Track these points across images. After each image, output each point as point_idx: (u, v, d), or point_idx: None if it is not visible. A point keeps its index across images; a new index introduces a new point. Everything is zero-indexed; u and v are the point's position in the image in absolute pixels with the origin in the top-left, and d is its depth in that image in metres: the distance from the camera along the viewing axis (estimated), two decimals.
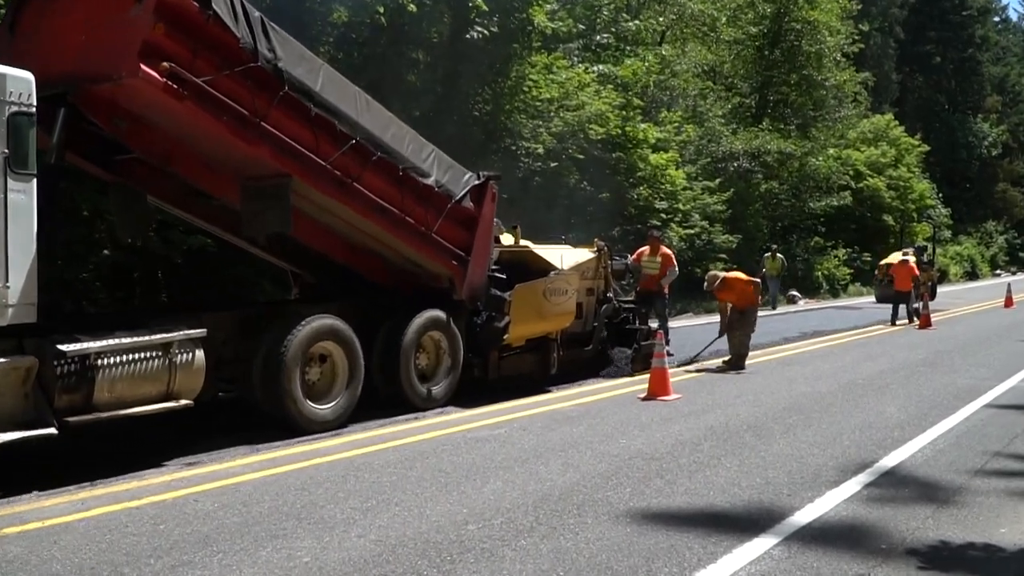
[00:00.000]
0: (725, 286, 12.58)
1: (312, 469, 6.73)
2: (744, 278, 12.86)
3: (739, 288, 12.60)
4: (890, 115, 46.27)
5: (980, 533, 5.38)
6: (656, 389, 9.89)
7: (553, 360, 10.69)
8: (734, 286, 12.60)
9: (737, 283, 12.64)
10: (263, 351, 7.82)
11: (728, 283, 12.59)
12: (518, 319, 9.83)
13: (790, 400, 9.89)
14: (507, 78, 20.26)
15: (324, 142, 7.94)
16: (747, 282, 12.71)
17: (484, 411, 9.16)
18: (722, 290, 12.63)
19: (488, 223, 9.77)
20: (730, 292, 12.66)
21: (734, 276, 12.88)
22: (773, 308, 24.48)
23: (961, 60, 65.36)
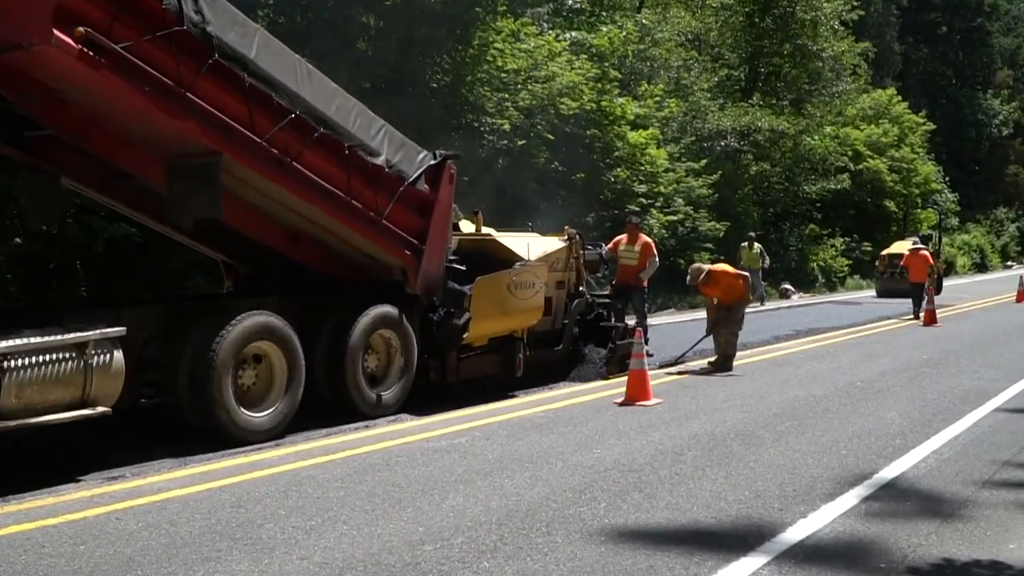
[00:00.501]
0: (710, 280, 12.65)
1: (249, 484, 6.70)
2: (731, 271, 12.95)
3: (726, 282, 12.69)
4: (892, 90, 46.86)
5: (987, 550, 5.44)
6: (634, 393, 9.93)
7: (519, 361, 10.70)
8: (720, 280, 12.68)
9: (723, 276, 12.72)
10: (190, 352, 7.76)
11: (713, 276, 12.67)
12: (479, 316, 9.83)
13: (782, 405, 9.96)
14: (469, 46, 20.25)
15: (259, 116, 7.90)
16: (734, 275, 12.79)
17: (442, 419, 9.16)
18: (707, 284, 12.70)
19: (446, 208, 9.76)
20: (715, 287, 12.73)
21: (720, 269, 12.96)
22: (761, 303, 24.63)
23: (969, 30, 66.21)
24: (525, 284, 10.35)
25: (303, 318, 8.60)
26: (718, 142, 30.95)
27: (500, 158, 20.64)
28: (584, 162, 22.76)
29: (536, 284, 10.53)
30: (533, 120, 21.23)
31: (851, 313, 22.98)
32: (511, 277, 10.19)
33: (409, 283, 9.51)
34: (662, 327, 18.47)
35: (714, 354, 12.96)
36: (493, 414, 9.39)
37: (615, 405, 9.81)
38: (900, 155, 41.43)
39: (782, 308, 25.21)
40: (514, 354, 10.66)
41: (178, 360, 7.78)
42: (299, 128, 8.21)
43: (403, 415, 9.30)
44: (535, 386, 11.03)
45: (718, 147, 30.95)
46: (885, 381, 11.73)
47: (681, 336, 15.27)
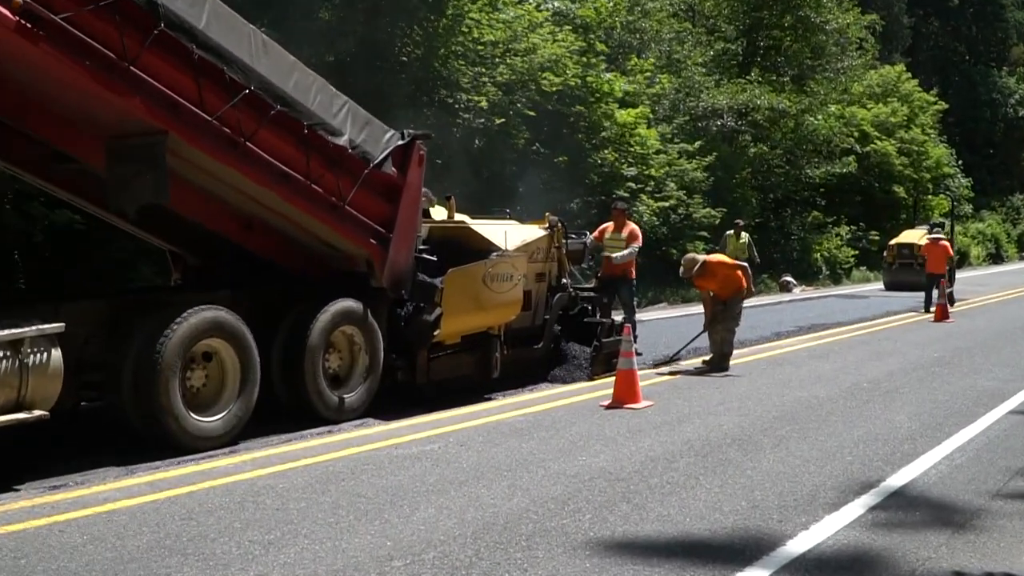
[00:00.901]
0: (705, 272, 12.69)
1: (201, 494, 6.68)
2: (728, 262, 13.00)
3: (723, 274, 12.72)
4: (901, 66, 47.09)
5: (1001, 562, 5.49)
6: (622, 395, 9.96)
7: (495, 361, 10.71)
8: (716, 271, 12.71)
9: (720, 268, 12.76)
10: (134, 351, 7.71)
11: (709, 268, 12.70)
12: (452, 311, 9.84)
13: (782, 408, 10.01)
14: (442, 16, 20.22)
15: (210, 92, 7.88)
16: (732, 267, 12.83)
17: (412, 423, 9.15)
18: (702, 276, 12.74)
19: (415, 193, 9.77)
20: (711, 279, 12.77)
21: (716, 260, 13.01)
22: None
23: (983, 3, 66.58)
24: (502, 276, 10.36)
25: (258, 314, 8.59)
26: (713, 122, 31.03)
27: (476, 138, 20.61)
28: (568, 143, 22.75)
29: (514, 276, 10.54)
30: (512, 97, 21.21)
31: (857, 307, 23.10)
32: (487, 269, 10.20)
33: (375, 275, 9.49)
34: (653, 323, 18.50)
35: (709, 352, 13.01)
36: (468, 418, 9.39)
37: (601, 408, 9.84)
38: (910, 136, 41.63)
39: (783, 302, 25.32)
40: (490, 353, 10.67)
41: (121, 359, 7.73)
42: (253, 105, 8.18)
43: (369, 419, 9.30)
44: (513, 388, 11.04)
45: (713, 127, 31.03)
46: (893, 381, 11.81)
47: (674, 333, 15.31)
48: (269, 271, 9.48)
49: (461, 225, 10.93)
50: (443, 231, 10.77)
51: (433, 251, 10.22)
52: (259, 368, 8.37)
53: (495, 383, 10.84)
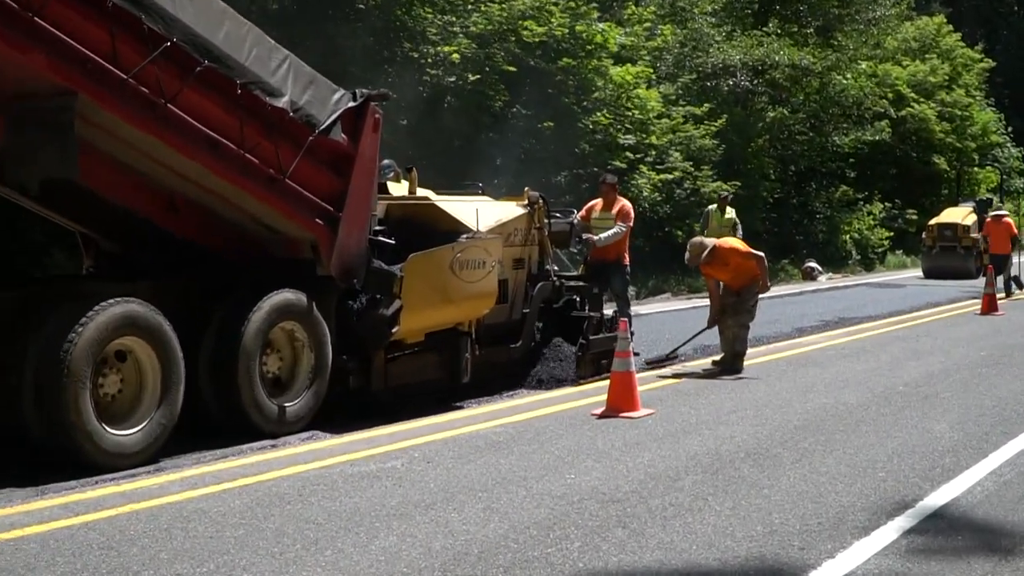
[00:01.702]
0: (715, 258, 12.70)
1: (123, 519, 6.66)
2: (742, 248, 13.03)
3: (735, 262, 12.76)
4: (941, 17, 47.29)
5: None
6: (618, 402, 9.97)
7: (466, 362, 10.72)
8: (728, 259, 12.75)
9: (732, 255, 12.80)
10: (35, 352, 7.67)
11: (719, 254, 12.72)
12: (414, 303, 9.83)
13: (805, 416, 10.06)
14: None
15: (125, 45, 7.85)
16: (745, 255, 12.86)
17: (369, 436, 9.15)
18: (711, 263, 12.76)
19: (369, 164, 9.78)
20: (721, 267, 12.80)
21: (728, 246, 13.04)
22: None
23: None
24: (473, 263, 10.36)
25: (184, 307, 8.58)
26: (725, 81, 31.06)
27: (446, 98, 20.58)
28: (554, 105, 22.75)
29: (487, 263, 10.54)
30: (488, 50, 21.18)
31: (892, 298, 23.21)
32: (455, 254, 10.20)
33: (321, 262, 9.48)
34: (654, 317, 18.57)
35: (719, 351, 13.02)
36: (435, 430, 9.40)
37: (593, 417, 9.86)
38: (952, 99, 41.84)
39: (806, 292, 25.43)
40: (459, 353, 10.67)
41: (20, 362, 7.68)
42: (177, 60, 8.16)
43: (318, 432, 9.29)
44: (488, 394, 11.06)
45: (725, 87, 31.07)
46: (933, 385, 11.88)
47: (678, 329, 15.31)
48: (197, 258, 9.45)
49: (425, 202, 10.91)
50: (403, 209, 10.73)
51: (391, 233, 10.20)
52: (184, 370, 8.35)
53: (466, 389, 10.84)
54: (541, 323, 11.97)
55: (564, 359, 11.96)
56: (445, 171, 16.47)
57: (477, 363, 10.90)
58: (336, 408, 9.68)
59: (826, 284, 28.46)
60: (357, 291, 9.87)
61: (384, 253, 10.00)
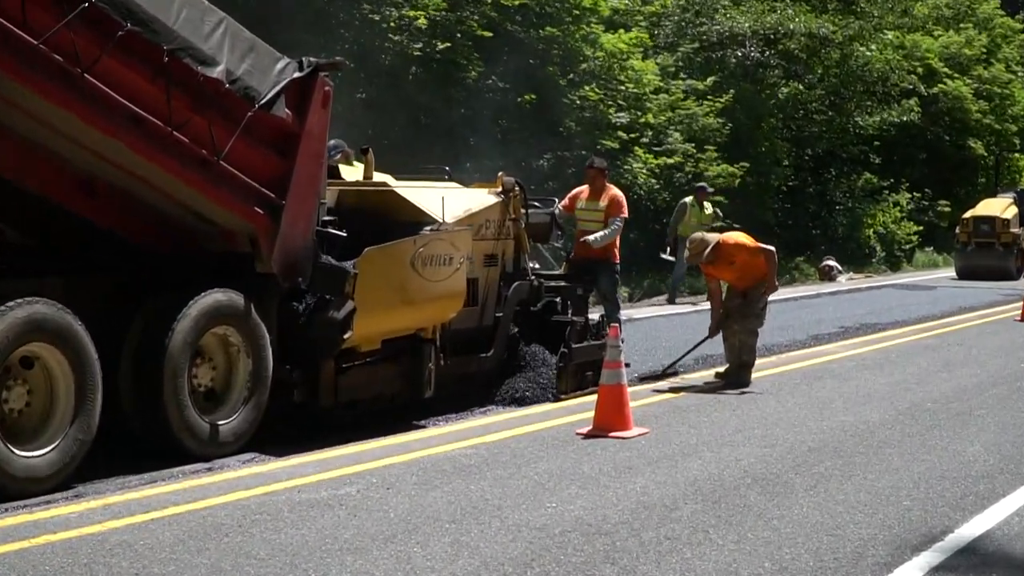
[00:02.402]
0: (719, 255, 12.72)
1: (36, 553, 6.62)
2: (749, 243, 13.02)
3: (741, 259, 12.79)
4: None
5: None
6: (606, 419, 10.00)
7: (429, 374, 10.69)
8: (734, 256, 12.77)
9: (738, 251, 12.82)
10: None
11: (724, 252, 12.75)
12: (369, 305, 9.79)
13: (820, 436, 10.09)
14: None
15: (35, 5, 7.79)
16: (753, 249, 12.88)
17: (319, 459, 9.12)
18: (714, 262, 12.78)
19: (317, 144, 9.76)
20: (725, 266, 12.83)
21: (734, 241, 13.04)
22: (671, 301, 22.76)
23: None
24: (438, 258, 10.35)
25: (101, 310, 8.55)
26: (732, 51, 31.08)
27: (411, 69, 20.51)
28: (536, 77, 22.75)
29: (454, 258, 10.53)
30: (461, 14, 21.16)
31: (921, 302, 23.34)
32: (417, 248, 10.18)
33: (261, 257, 9.42)
34: (649, 323, 18.63)
35: (723, 362, 13.03)
36: (395, 451, 9.38)
37: (578, 437, 9.89)
38: (990, 75, 41.92)
39: (823, 294, 25.53)
40: (421, 363, 10.64)
41: None
42: (95, 23, 8.10)
43: (259, 455, 9.26)
44: (455, 410, 11.07)
45: (732, 59, 31.09)
46: (966, 401, 11.93)
47: (678, 337, 15.40)
48: (118, 252, 9.40)
49: (382, 188, 10.90)
50: (357, 196, 10.72)
51: (343, 224, 10.18)
52: (100, 378, 8.31)
53: (429, 405, 10.84)
54: (517, 329, 11.97)
55: (543, 370, 11.94)
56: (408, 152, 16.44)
57: (442, 375, 10.88)
58: (281, 427, 9.70)
59: (846, 285, 28.51)
60: (303, 291, 9.84)
61: (334, 247, 9.97)
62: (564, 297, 12.64)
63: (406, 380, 10.63)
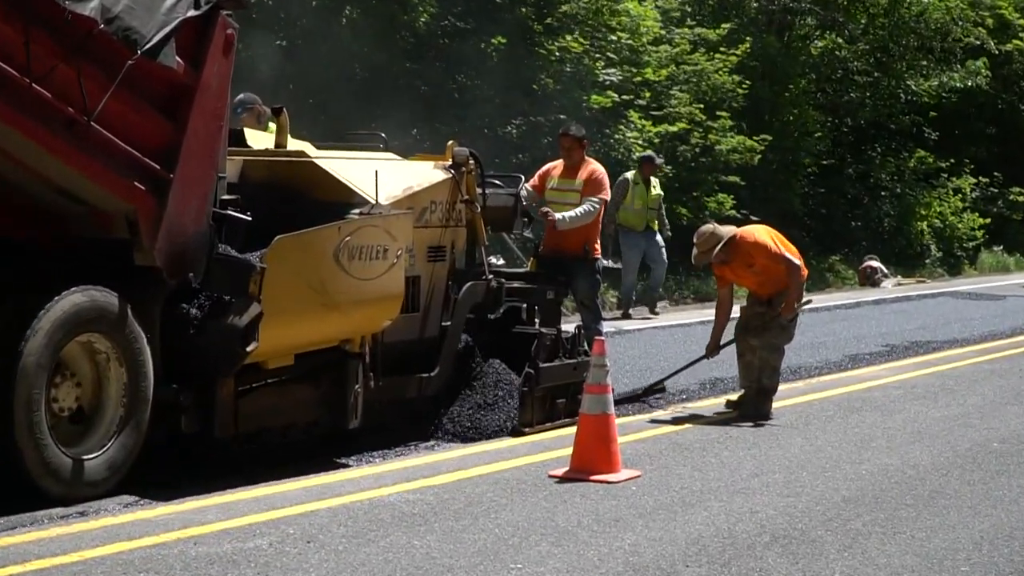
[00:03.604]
0: (734, 254, 12.76)
1: None
2: (771, 245, 12.99)
3: (761, 263, 12.81)
4: None
5: None
6: (588, 459, 10.04)
7: (356, 398, 10.67)
8: (752, 256, 12.81)
9: (758, 252, 12.84)
10: None
11: (740, 249, 12.80)
12: (280, 309, 9.73)
13: (858, 483, 10.11)
14: None
15: None
16: (775, 256, 12.87)
17: (220, 503, 9.10)
18: (729, 262, 12.80)
19: (217, 102, 9.74)
20: (742, 268, 12.87)
21: (753, 238, 13.05)
22: (625, 312, 22.34)
23: None
24: (369, 250, 10.30)
25: None
26: None
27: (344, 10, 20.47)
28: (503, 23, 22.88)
29: (390, 251, 10.49)
30: None
31: (986, 315, 23.46)
32: (342, 237, 10.12)
33: (142, 245, 9.37)
34: (643, 336, 18.84)
35: (737, 387, 13.11)
36: (317, 495, 9.35)
37: (551, 481, 9.92)
38: None
39: (864, 303, 25.69)
40: (346, 384, 10.61)
41: None
42: None
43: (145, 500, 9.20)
44: (391, 445, 11.13)
45: (753, 4, 31.15)
46: None
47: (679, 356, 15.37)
48: None
49: (300, 159, 10.91)
50: (268, 169, 10.79)
51: (248, 204, 10.16)
52: None
53: (357, 437, 10.89)
54: (469, 341, 11.99)
55: (502, 396, 11.93)
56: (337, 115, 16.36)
57: (374, 399, 10.89)
58: (171, 462, 9.76)
59: (893, 292, 28.67)
60: (195, 290, 9.81)
61: (236, 234, 10.02)
62: (531, 302, 12.69)
63: (326, 405, 10.61)
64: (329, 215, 10.26)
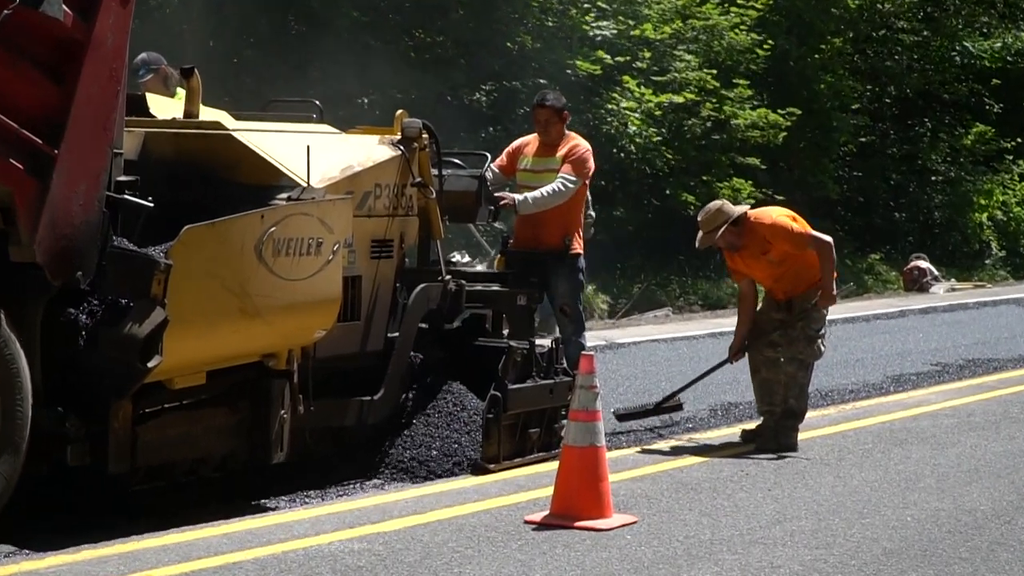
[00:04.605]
0: (747, 235, 12.88)
1: None
2: (793, 227, 13.13)
3: (781, 244, 12.92)
4: None
5: None
6: (573, 502, 10.10)
7: (281, 426, 10.68)
8: (768, 241, 12.95)
9: (776, 237, 12.95)
10: None
11: (753, 232, 12.93)
12: (188, 316, 9.75)
13: (902, 532, 10.16)
14: None
15: None
16: (800, 239, 13.01)
17: (118, 553, 9.07)
18: (741, 247, 12.94)
19: (112, 61, 9.75)
20: (755, 257, 12.98)
21: (770, 219, 13.18)
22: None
23: None
24: (299, 244, 10.34)
25: None
26: None
27: None
28: None
29: (324, 245, 10.54)
30: None
31: None
32: (265, 227, 10.12)
33: (19, 236, 9.38)
34: (641, 351, 18.90)
35: (755, 414, 13.21)
36: (238, 544, 9.37)
37: (527, 528, 9.96)
38: None
39: (910, 312, 25.89)
40: (270, 409, 10.62)
41: None
42: None
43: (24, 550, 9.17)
44: (327, 484, 11.24)
45: None
46: None
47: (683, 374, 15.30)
48: None
49: (214, 132, 10.92)
50: (175, 144, 10.84)
51: (150, 187, 10.14)
52: None
53: (289, 474, 10.89)
54: (421, 357, 12.02)
55: (462, 424, 11.97)
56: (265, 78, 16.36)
57: (303, 427, 10.93)
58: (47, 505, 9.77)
59: (945, 299, 28.71)
60: (85, 292, 9.80)
61: (136, 224, 10.01)
62: (498, 308, 12.77)
63: (246, 435, 10.62)
64: (250, 200, 10.30)
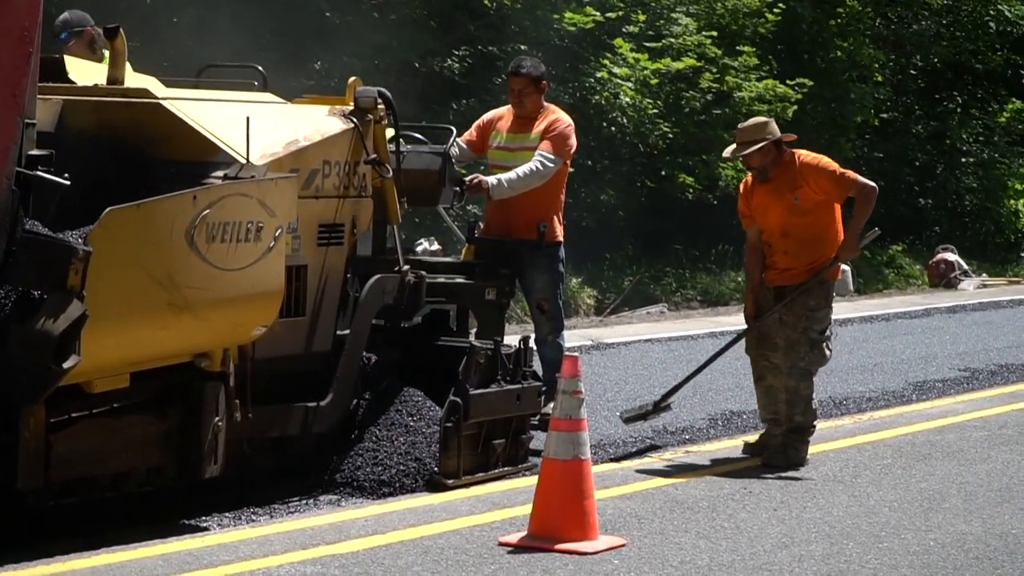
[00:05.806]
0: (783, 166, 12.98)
1: None
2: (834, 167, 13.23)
3: (820, 182, 13.04)
4: None
5: None
6: (554, 522, 10.17)
7: (215, 435, 10.70)
8: (804, 177, 13.05)
9: (814, 174, 13.09)
10: None
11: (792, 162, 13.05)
12: (110, 309, 9.77)
13: (925, 558, 10.20)
14: None
15: None
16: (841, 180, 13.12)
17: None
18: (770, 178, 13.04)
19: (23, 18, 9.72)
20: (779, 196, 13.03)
21: (815, 157, 13.28)
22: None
23: None
24: (236, 229, 10.36)
25: None
26: None
27: None
28: None
29: (265, 230, 10.55)
30: None
31: None
32: (198, 210, 10.12)
33: None
34: (632, 351, 18.97)
35: (758, 425, 13.29)
36: (176, 567, 9.39)
37: (502, 551, 10.02)
38: None
39: (935, 311, 26.03)
40: (202, 415, 10.65)
41: None
42: None
43: None
44: (269, 501, 11.31)
45: None
46: None
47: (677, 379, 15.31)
48: None
49: (141, 100, 10.93)
50: (97, 114, 10.89)
51: (68, 163, 10.13)
52: None
53: (218, 491, 10.89)
54: (375, 358, 12.05)
55: (420, 433, 11.99)
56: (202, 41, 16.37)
57: (243, 435, 10.98)
58: None
59: (975, 296, 28.77)
60: None
61: (50, 204, 10.03)
62: (463, 303, 12.83)
63: (174, 446, 10.62)
64: (181, 179, 10.28)
